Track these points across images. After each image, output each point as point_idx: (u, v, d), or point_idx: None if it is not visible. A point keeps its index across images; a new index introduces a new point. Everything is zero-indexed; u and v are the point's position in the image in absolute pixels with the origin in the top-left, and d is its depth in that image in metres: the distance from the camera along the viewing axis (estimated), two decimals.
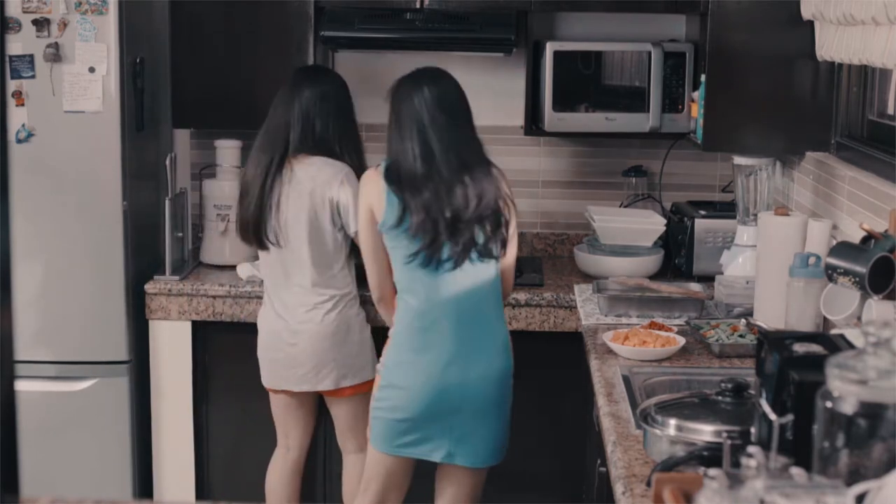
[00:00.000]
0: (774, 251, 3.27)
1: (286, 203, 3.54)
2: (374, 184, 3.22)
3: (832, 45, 3.29)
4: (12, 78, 3.74)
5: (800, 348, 1.89)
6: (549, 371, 3.86)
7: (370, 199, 3.22)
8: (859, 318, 2.82)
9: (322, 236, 3.56)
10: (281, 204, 3.55)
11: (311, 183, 3.54)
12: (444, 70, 3.33)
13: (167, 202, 3.96)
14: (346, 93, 3.69)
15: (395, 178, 3.17)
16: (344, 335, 3.58)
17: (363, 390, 3.60)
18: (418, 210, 3.13)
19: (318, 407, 3.80)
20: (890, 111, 3.31)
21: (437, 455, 3.26)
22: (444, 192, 3.14)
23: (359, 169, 3.57)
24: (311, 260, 3.55)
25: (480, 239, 3.17)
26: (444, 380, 3.18)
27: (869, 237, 2.82)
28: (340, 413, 3.71)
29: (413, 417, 3.21)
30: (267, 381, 3.70)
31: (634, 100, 4.05)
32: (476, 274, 3.18)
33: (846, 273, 2.74)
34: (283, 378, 3.64)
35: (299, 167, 3.56)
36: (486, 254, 3.18)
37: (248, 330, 3.93)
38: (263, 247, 3.60)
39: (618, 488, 2.18)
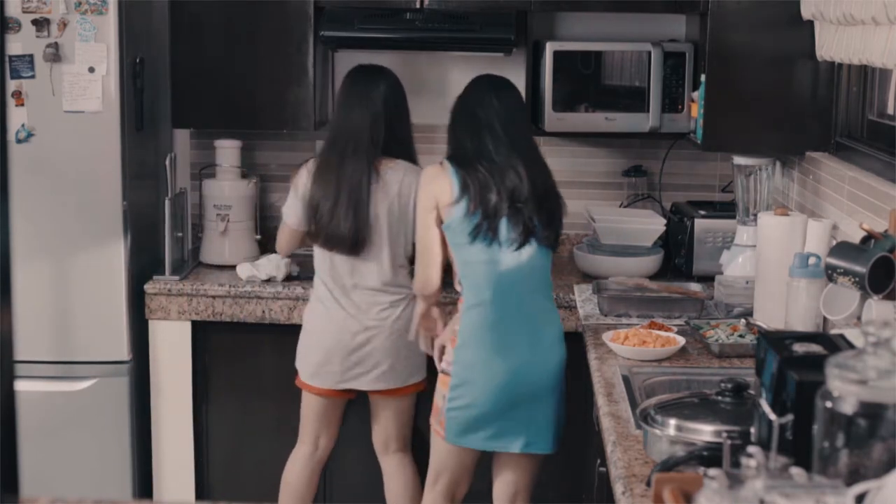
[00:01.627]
0: (774, 251, 3.27)
1: (375, 208, 3.54)
2: (440, 176, 3.29)
3: (832, 45, 3.29)
4: (12, 78, 3.73)
5: (800, 348, 1.89)
6: None
7: (436, 189, 3.28)
8: (859, 318, 2.81)
9: (402, 238, 3.58)
10: (371, 210, 3.54)
11: (398, 186, 3.54)
12: (510, 80, 3.44)
13: (167, 202, 3.96)
14: (404, 92, 3.69)
15: (456, 162, 3.29)
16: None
17: (420, 388, 3.67)
18: (476, 186, 3.23)
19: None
20: (890, 111, 3.31)
21: (515, 446, 3.30)
22: (497, 173, 3.24)
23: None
24: (391, 261, 3.56)
25: (538, 225, 3.27)
26: (518, 372, 3.24)
27: (869, 237, 2.82)
28: (395, 412, 3.69)
29: (490, 412, 3.26)
30: (323, 382, 3.64)
31: (634, 100, 4.05)
32: (535, 261, 3.28)
33: (846, 273, 2.74)
34: (349, 378, 3.61)
35: (385, 170, 3.55)
36: (544, 241, 3.28)
37: (249, 330, 3.93)
38: (355, 254, 3.55)
39: (618, 488, 2.18)
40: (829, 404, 1.61)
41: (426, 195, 3.32)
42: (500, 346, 3.25)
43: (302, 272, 4.05)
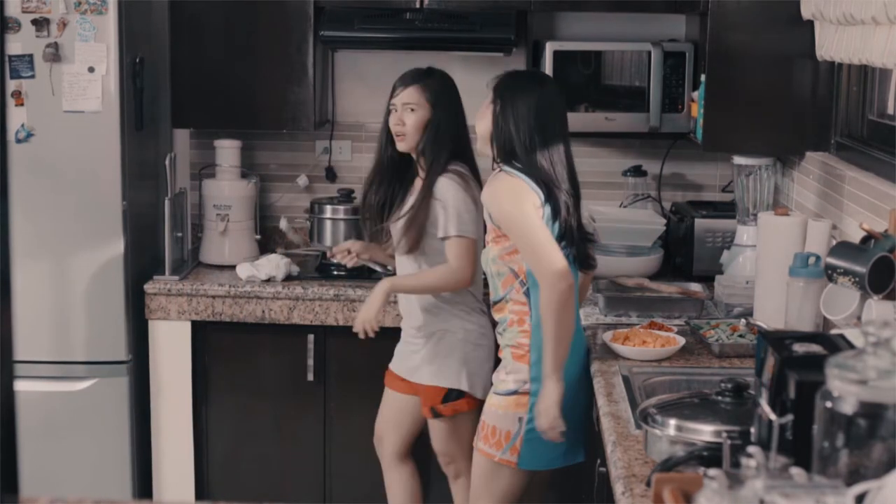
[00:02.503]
0: (774, 251, 3.27)
1: None
2: (520, 182, 3.02)
3: (832, 45, 3.29)
4: (12, 78, 3.74)
5: (800, 348, 1.89)
6: None
7: (528, 194, 3.01)
8: (859, 318, 2.81)
9: None
10: None
11: None
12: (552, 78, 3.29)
13: (167, 202, 3.96)
14: None
15: (524, 171, 3.04)
16: None
17: None
18: (553, 195, 3.02)
19: None
20: (890, 111, 3.30)
21: (580, 455, 3.15)
22: (565, 191, 3.05)
23: None
24: None
25: (588, 242, 3.17)
26: (585, 378, 3.11)
27: (869, 237, 2.82)
28: (472, 423, 3.50)
29: (572, 427, 3.07)
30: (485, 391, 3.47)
31: (634, 100, 4.05)
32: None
33: (846, 273, 2.74)
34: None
35: None
36: (592, 261, 3.18)
37: (248, 330, 3.93)
38: None
39: (618, 488, 2.18)
40: (829, 404, 1.61)
41: (525, 198, 3.00)
42: (571, 356, 3.06)
43: (302, 272, 4.05)
